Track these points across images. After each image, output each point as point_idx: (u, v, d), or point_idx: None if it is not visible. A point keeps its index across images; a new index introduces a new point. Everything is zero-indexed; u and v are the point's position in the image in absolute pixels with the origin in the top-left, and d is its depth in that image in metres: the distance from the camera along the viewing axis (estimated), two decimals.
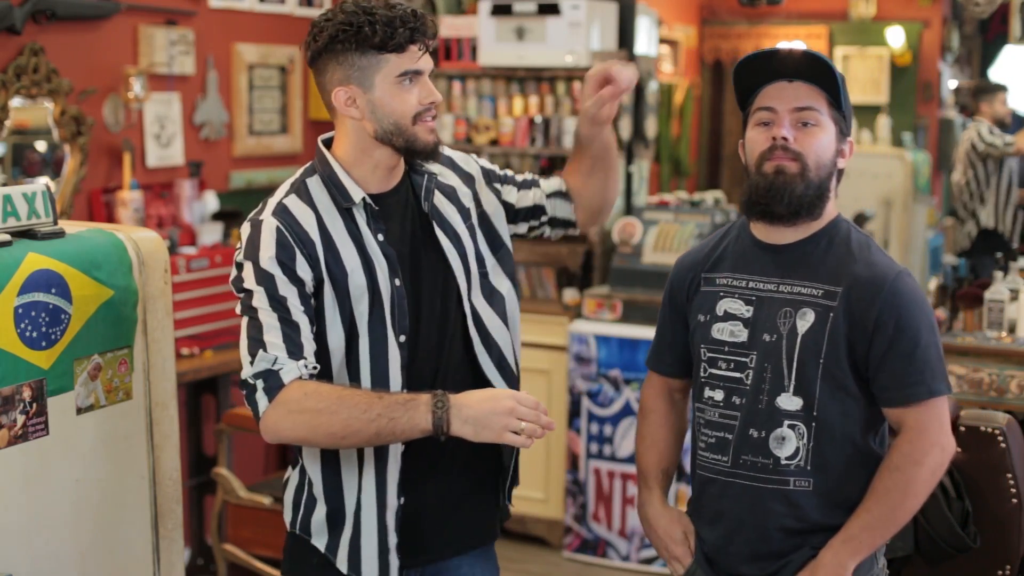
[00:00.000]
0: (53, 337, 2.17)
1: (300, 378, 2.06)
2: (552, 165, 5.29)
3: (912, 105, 8.59)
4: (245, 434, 4.47)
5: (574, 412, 4.88)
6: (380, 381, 2.15)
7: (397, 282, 2.16)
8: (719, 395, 2.27)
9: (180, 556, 2.48)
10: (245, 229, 2.17)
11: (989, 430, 2.85)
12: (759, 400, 2.21)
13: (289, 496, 2.30)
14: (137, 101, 4.34)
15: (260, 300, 2.09)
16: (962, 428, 2.86)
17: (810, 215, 2.22)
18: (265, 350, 2.06)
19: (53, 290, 2.17)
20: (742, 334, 2.25)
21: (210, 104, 4.76)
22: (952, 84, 8.88)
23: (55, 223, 2.26)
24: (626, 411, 4.78)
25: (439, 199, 2.27)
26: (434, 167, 2.29)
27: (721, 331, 2.27)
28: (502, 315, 2.30)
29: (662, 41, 7.49)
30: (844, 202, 8.73)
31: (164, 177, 4.56)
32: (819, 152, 2.19)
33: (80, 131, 4.15)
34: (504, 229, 2.37)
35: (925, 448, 2.16)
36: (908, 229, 7.75)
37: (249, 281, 2.11)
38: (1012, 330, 4.10)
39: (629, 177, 5.38)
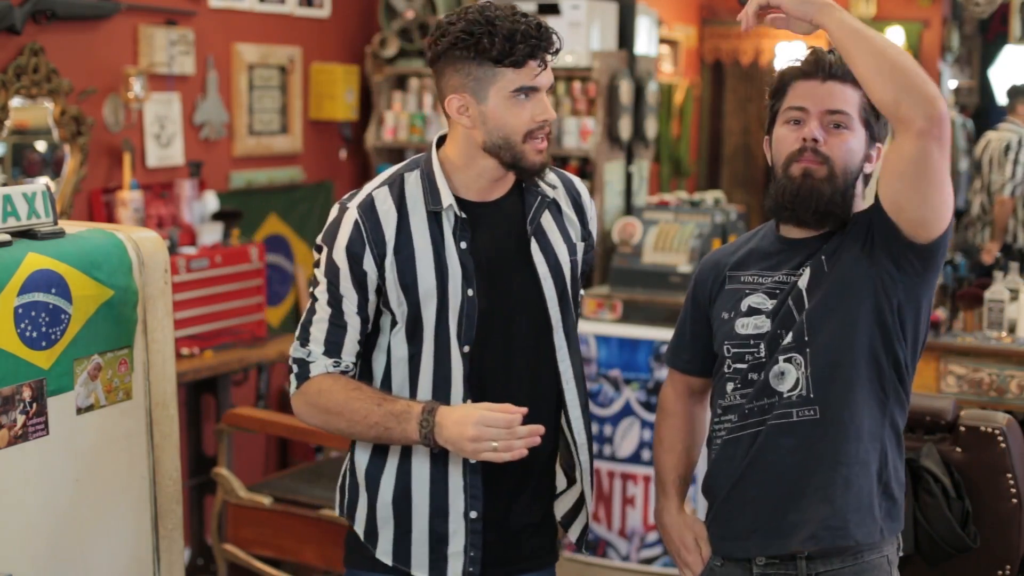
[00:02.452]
0: (53, 337, 2.18)
1: (327, 372, 2.16)
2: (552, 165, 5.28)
3: None
4: (245, 434, 4.47)
5: None
6: (441, 388, 2.15)
7: (470, 292, 2.14)
8: (730, 386, 2.26)
9: (180, 556, 2.48)
10: (333, 211, 2.20)
11: (989, 430, 2.84)
12: (770, 367, 2.19)
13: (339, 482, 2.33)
14: (137, 101, 4.34)
15: (322, 292, 2.16)
16: (962, 428, 2.86)
17: (835, 220, 2.20)
18: (307, 341, 2.17)
19: (53, 290, 2.17)
20: (765, 325, 2.23)
21: (210, 104, 4.76)
22: (952, 84, 8.87)
23: (55, 223, 2.26)
24: (626, 411, 4.78)
25: (548, 223, 2.25)
26: (558, 193, 2.28)
27: (745, 326, 2.26)
28: (578, 354, 2.31)
29: (662, 41, 7.49)
30: None
31: (164, 177, 4.56)
32: (847, 156, 2.18)
33: (80, 131, 4.15)
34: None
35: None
36: None
37: (320, 266, 2.17)
38: (1012, 330, 4.10)
39: (629, 177, 5.39)
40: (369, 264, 2.13)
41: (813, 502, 2.18)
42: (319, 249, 2.19)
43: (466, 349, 2.15)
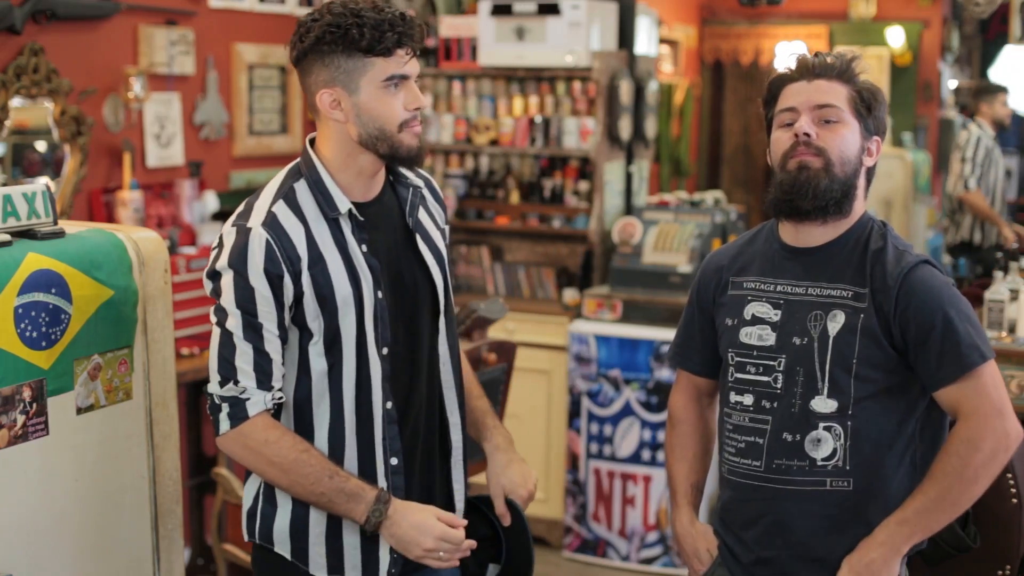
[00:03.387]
0: (53, 337, 2.17)
1: (266, 409, 2.10)
2: (552, 165, 5.29)
3: (912, 105, 8.60)
4: None
5: (574, 412, 4.88)
6: (364, 392, 2.15)
7: (380, 294, 2.15)
8: (748, 399, 2.26)
9: (180, 556, 2.47)
10: (229, 233, 2.11)
11: None
12: (792, 404, 2.20)
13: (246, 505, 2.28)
14: (137, 101, 4.34)
15: (235, 324, 2.08)
16: None
17: (839, 212, 2.21)
18: (235, 377, 2.08)
19: (53, 290, 2.17)
20: (770, 338, 2.24)
21: (210, 104, 4.76)
22: (952, 84, 8.88)
23: (55, 223, 2.26)
24: (626, 411, 4.78)
25: (422, 215, 2.27)
26: (419, 181, 2.29)
27: (749, 335, 2.26)
28: (454, 336, 2.33)
29: (662, 41, 7.49)
30: None
31: (164, 177, 4.56)
32: (842, 148, 2.19)
33: (80, 131, 4.15)
34: None
35: (983, 431, 2.12)
36: (908, 229, 7.75)
37: (227, 297, 2.08)
38: (1012, 330, 4.10)
39: (629, 177, 5.39)
40: (287, 283, 2.09)
41: (831, 561, 2.22)
42: (217, 276, 2.10)
43: (384, 351, 2.15)
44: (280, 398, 2.12)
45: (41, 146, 4.19)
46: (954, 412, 2.17)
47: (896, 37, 8.45)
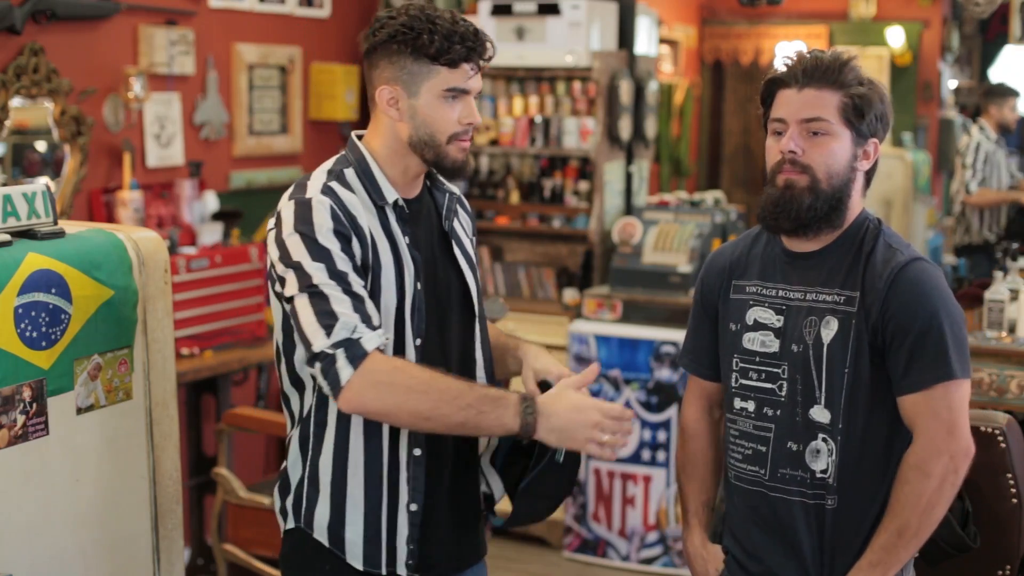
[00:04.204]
0: (53, 337, 2.17)
1: (380, 348, 2.02)
2: (552, 165, 5.29)
3: (912, 105, 8.60)
4: (245, 434, 4.47)
5: None
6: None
7: (419, 285, 2.16)
8: (751, 406, 2.24)
9: (180, 556, 2.48)
10: (288, 207, 2.10)
11: (989, 430, 2.84)
12: (795, 413, 2.18)
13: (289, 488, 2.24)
14: (137, 101, 4.34)
15: (320, 276, 2.02)
16: None
17: (827, 225, 2.19)
18: (338, 323, 1.99)
19: (53, 290, 2.17)
20: (773, 344, 2.21)
21: (210, 104, 4.76)
22: (952, 84, 8.88)
23: (55, 223, 2.26)
24: None
25: (456, 223, 2.30)
26: (455, 189, 2.32)
27: (752, 341, 2.24)
28: (488, 344, 2.33)
29: (662, 41, 7.49)
30: None
31: (164, 177, 4.56)
32: (829, 163, 2.16)
33: (80, 131, 4.15)
34: None
35: (930, 456, 2.09)
36: (908, 229, 7.75)
37: (302, 256, 2.03)
38: (1012, 330, 4.10)
39: (629, 177, 5.39)
40: (355, 243, 2.08)
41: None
42: (283, 245, 2.06)
43: (418, 342, 2.15)
44: (388, 340, 2.07)
45: (41, 146, 4.19)
46: (910, 427, 2.13)
47: (896, 37, 8.45)
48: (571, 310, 5.01)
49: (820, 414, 2.16)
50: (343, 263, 2.05)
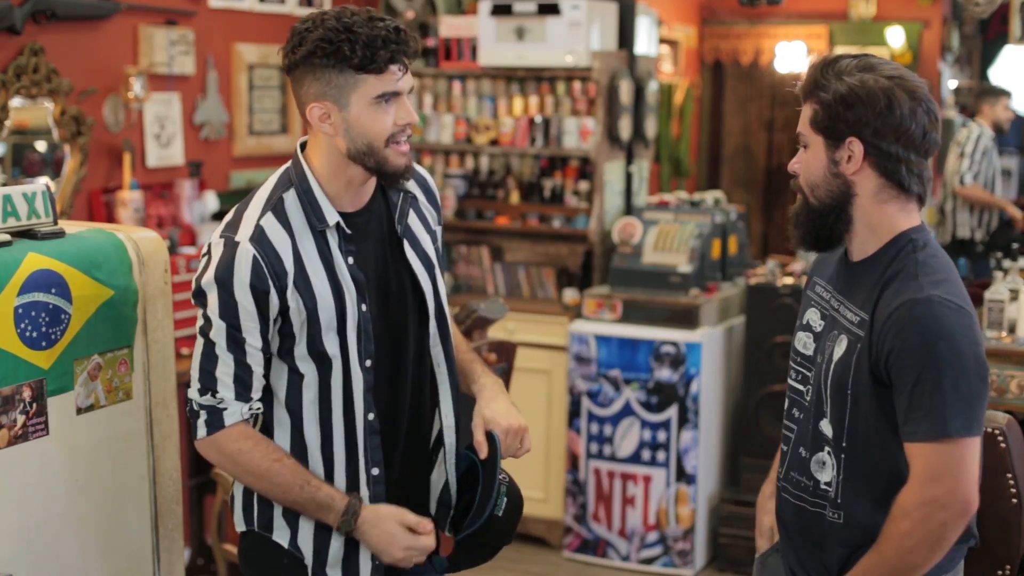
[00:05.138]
0: (53, 337, 2.18)
1: (243, 419, 2.12)
2: (552, 165, 5.29)
3: None
4: None
5: (574, 412, 4.88)
6: (348, 404, 2.16)
7: (364, 307, 2.15)
8: (787, 404, 2.23)
9: (180, 556, 2.48)
10: (217, 245, 2.10)
11: (989, 430, 2.84)
12: (810, 419, 2.15)
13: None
14: (137, 101, 4.34)
15: (219, 335, 2.09)
16: None
17: (830, 241, 2.14)
18: (214, 388, 2.10)
19: (53, 290, 2.17)
20: (811, 348, 2.18)
21: (210, 104, 4.76)
22: (952, 84, 8.87)
23: (55, 223, 2.26)
24: (626, 411, 4.78)
25: (412, 220, 2.26)
26: (412, 185, 2.29)
27: (799, 340, 2.22)
28: (449, 339, 2.31)
29: (662, 41, 7.49)
30: None
31: (164, 177, 4.56)
32: (807, 176, 2.12)
33: (80, 131, 4.15)
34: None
35: (916, 499, 1.98)
36: None
37: (212, 309, 2.09)
38: (1012, 330, 4.10)
39: (629, 177, 5.39)
40: (274, 297, 2.09)
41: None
42: (200, 294, 2.10)
43: (368, 363, 2.16)
44: (259, 409, 2.15)
45: (41, 146, 4.19)
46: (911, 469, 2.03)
47: (896, 37, 8.45)
48: (571, 310, 5.01)
49: (827, 427, 2.12)
50: (249, 322, 2.09)
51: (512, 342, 3.99)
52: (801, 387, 2.19)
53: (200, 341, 2.12)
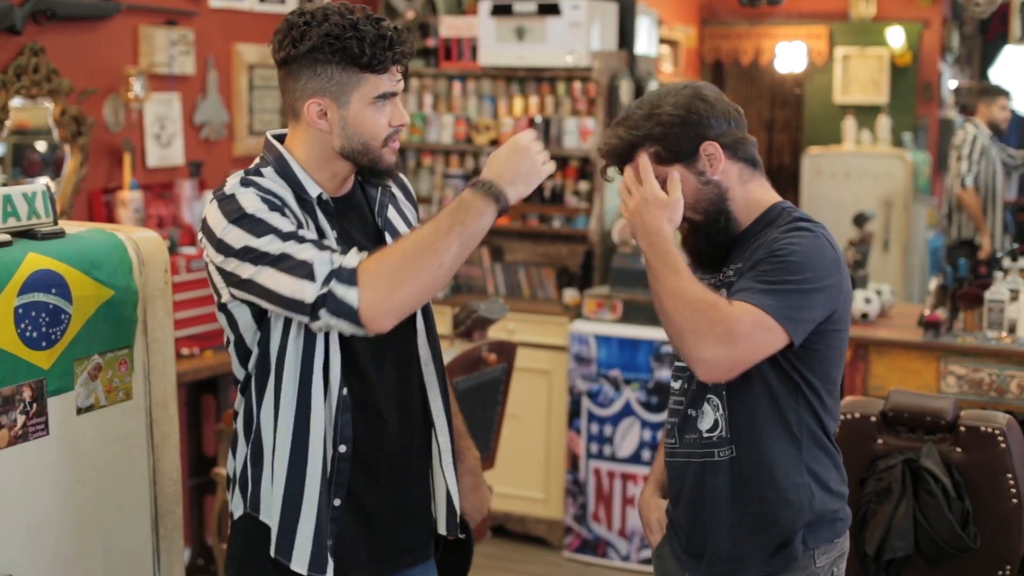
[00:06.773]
0: (53, 337, 2.18)
1: (360, 257, 2.00)
2: None
3: (912, 105, 8.60)
4: None
5: (574, 412, 4.88)
6: (330, 369, 2.09)
7: None
8: (677, 384, 2.28)
9: (180, 556, 2.48)
10: (212, 208, 2.04)
11: (989, 430, 2.85)
12: (693, 382, 2.21)
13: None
14: (137, 101, 4.34)
15: (273, 244, 1.98)
16: (962, 428, 2.86)
17: (728, 244, 2.21)
18: (315, 261, 1.96)
19: (53, 290, 2.17)
20: None
21: (210, 104, 4.76)
22: (952, 84, 8.88)
23: (55, 223, 2.26)
24: (626, 411, 4.78)
25: (392, 214, 2.25)
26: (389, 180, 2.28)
27: None
28: (435, 336, 2.30)
29: (662, 41, 7.49)
30: (845, 202, 8.71)
31: (164, 177, 4.56)
32: (686, 201, 2.17)
33: (80, 131, 4.15)
34: None
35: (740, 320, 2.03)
36: (908, 229, 7.75)
37: (246, 240, 1.99)
38: (1012, 330, 4.10)
39: None
40: (289, 215, 2.04)
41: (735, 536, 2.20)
42: (222, 244, 2.00)
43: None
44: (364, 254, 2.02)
45: (41, 146, 4.19)
46: None
47: (896, 37, 8.46)
48: (571, 310, 5.01)
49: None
50: (287, 225, 2.00)
51: (512, 342, 3.99)
52: (682, 362, 2.23)
53: (265, 273, 1.98)
